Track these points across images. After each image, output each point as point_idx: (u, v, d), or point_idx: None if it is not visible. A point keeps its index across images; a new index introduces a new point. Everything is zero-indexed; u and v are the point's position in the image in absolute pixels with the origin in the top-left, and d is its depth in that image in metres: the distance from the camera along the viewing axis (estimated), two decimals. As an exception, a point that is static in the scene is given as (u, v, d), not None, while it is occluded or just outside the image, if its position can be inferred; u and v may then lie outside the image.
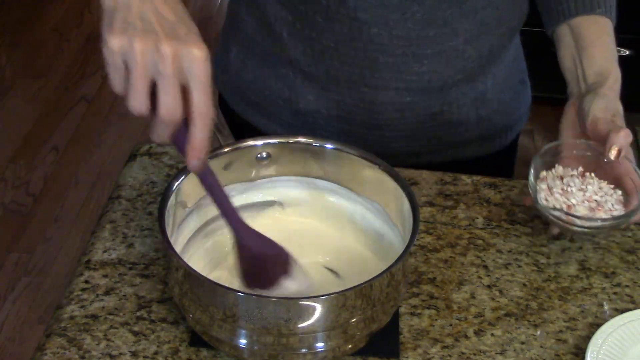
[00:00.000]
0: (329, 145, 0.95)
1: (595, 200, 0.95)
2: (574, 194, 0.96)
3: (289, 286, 0.86)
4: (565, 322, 0.94)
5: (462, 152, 1.18)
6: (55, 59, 2.98)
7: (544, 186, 0.98)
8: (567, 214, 0.94)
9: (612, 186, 0.97)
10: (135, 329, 0.90)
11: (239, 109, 1.19)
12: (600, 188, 0.97)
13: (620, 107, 1.00)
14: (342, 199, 0.97)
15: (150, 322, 0.91)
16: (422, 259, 0.99)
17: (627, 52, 2.63)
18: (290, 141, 0.96)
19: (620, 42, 1.10)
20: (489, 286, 0.97)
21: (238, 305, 0.81)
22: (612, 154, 0.94)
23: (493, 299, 0.96)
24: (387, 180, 0.92)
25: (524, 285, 0.97)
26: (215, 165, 0.93)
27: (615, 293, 0.97)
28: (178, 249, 0.89)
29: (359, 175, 0.95)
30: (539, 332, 0.92)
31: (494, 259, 1.00)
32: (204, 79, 0.76)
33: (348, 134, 1.13)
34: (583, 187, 0.97)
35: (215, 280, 0.83)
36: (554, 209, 0.95)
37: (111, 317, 0.91)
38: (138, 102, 0.76)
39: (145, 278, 0.95)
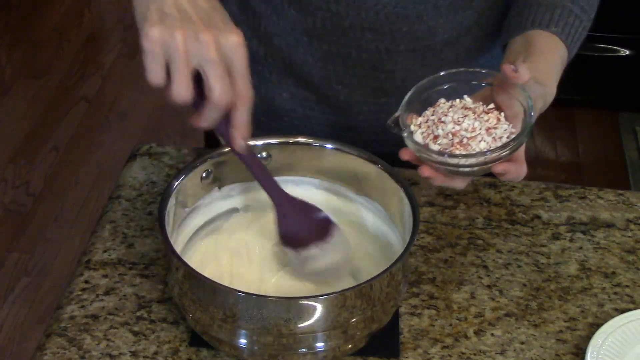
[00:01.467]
0: (329, 145, 0.96)
1: (462, 135, 0.83)
2: (445, 125, 0.84)
3: (324, 251, 0.89)
4: (565, 322, 0.94)
5: None
6: (55, 59, 2.98)
7: (423, 119, 0.87)
8: (419, 146, 0.84)
9: (508, 124, 0.86)
10: (135, 329, 0.90)
11: None
12: (484, 121, 0.84)
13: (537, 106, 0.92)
14: (342, 199, 0.97)
15: (150, 322, 0.91)
16: (422, 259, 0.99)
17: (627, 52, 2.63)
18: (290, 141, 0.96)
19: (621, 42, 1.10)
20: (489, 286, 0.97)
21: (238, 305, 0.81)
22: (508, 68, 0.83)
23: (493, 299, 0.96)
24: (387, 180, 0.92)
25: (524, 285, 0.97)
26: (216, 165, 0.93)
27: (615, 293, 0.97)
28: (178, 249, 0.89)
29: (359, 175, 0.95)
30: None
31: (494, 259, 1.00)
32: (244, 63, 0.79)
33: (323, 136, 1.12)
34: (460, 119, 0.84)
35: (215, 280, 0.83)
36: (413, 141, 0.85)
37: (111, 317, 0.91)
38: (184, 90, 0.78)
39: (145, 278, 0.95)
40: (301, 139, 0.96)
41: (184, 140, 2.63)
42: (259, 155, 0.95)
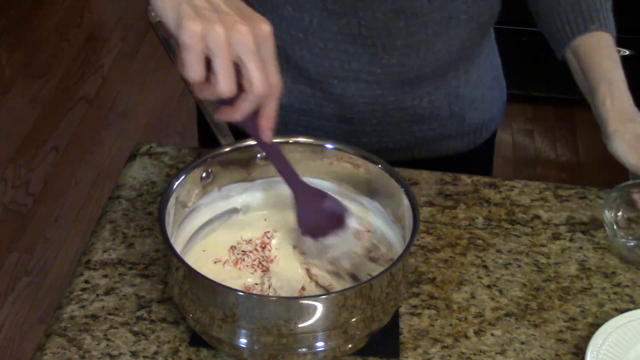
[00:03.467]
0: (329, 145, 0.96)
1: None
2: None
3: (341, 238, 0.91)
4: (565, 322, 0.94)
5: (436, 149, 1.18)
6: (55, 59, 2.98)
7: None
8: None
9: None
10: (135, 329, 0.90)
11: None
12: None
13: (633, 112, 1.01)
14: (342, 199, 0.97)
15: (150, 322, 0.91)
16: (422, 259, 0.99)
17: (627, 52, 2.63)
18: (290, 141, 0.96)
19: (620, 42, 1.10)
20: (489, 286, 0.97)
21: (238, 305, 0.81)
22: None
23: (493, 299, 0.96)
24: (387, 180, 0.92)
25: (524, 285, 0.97)
26: (216, 165, 0.93)
27: (615, 293, 0.97)
28: (178, 249, 0.89)
29: (359, 175, 0.95)
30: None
31: (494, 259, 1.00)
32: (274, 53, 0.80)
33: (319, 128, 1.13)
34: None
35: (215, 280, 0.83)
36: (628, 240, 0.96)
37: (111, 317, 0.91)
38: (228, 82, 0.78)
39: (145, 278, 0.95)
40: (301, 139, 0.96)
41: (184, 140, 2.63)
42: (258, 155, 0.95)
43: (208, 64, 0.78)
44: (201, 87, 0.79)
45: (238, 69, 0.78)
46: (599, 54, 1.06)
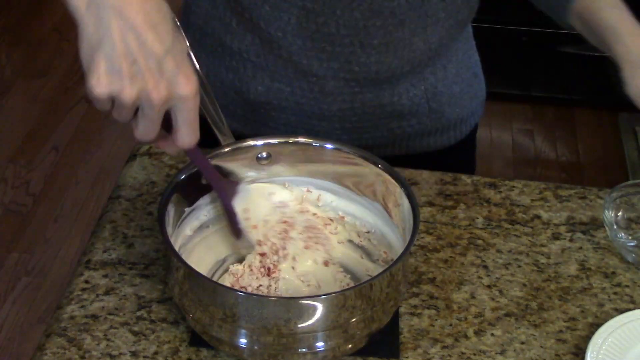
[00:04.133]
0: (328, 145, 0.96)
1: None
2: None
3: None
4: (565, 322, 0.94)
5: (416, 145, 1.18)
6: (55, 59, 2.98)
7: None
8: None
9: None
10: (135, 329, 0.90)
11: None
12: None
13: None
14: (342, 199, 0.97)
15: (150, 322, 0.91)
16: (422, 259, 0.99)
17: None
18: (290, 141, 0.96)
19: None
20: (489, 286, 0.97)
21: (238, 305, 0.81)
22: None
23: (493, 299, 0.96)
24: (387, 180, 0.92)
25: (524, 285, 0.97)
26: (216, 165, 0.93)
27: (615, 293, 0.97)
28: (178, 249, 0.89)
29: (359, 175, 0.95)
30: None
31: (494, 259, 1.00)
32: (191, 115, 0.80)
33: (299, 125, 1.13)
34: None
35: (216, 280, 0.83)
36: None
37: (111, 317, 0.91)
38: (123, 119, 0.79)
39: (145, 278, 0.95)
40: (301, 139, 0.96)
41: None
42: (258, 155, 0.95)
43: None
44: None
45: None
46: (598, 5, 1.04)
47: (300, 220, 0.97)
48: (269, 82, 1.11)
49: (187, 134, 0.81)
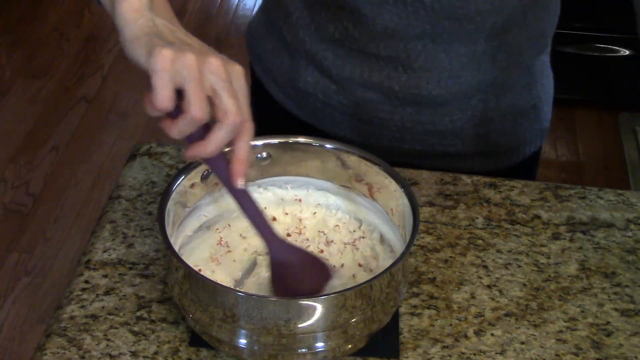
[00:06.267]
0: (329, 145, 0.96)
1: None
2: None
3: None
4: (565, 322, 0.94)
5: (460, 165, 1.16)
6: (55, 59, 2.98)
7: None
8: None
9: None
10: (135, 329, 0.90)
11: (258, 73, 1.22)
12: None
13: None
14: (342, 199, 0.97)
15: (150, 322, 0.91)
16: (422, 259, 0.99)
17: (627, 52, 2.63)
18: (290, 141, 0.96)
19: (621, 42, 1.10)
20: (489, 286, 0.97)
21: (238, 305, 0.81)
22: None
23: (493, 299, 0.96)
24: (387, 180, 0.92)
25: (524, 285, 0.97)
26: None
27: (615, 293, 0.97)
28: (178, 249, 0.89)
29: (359, 175, 0.95)
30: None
31: (494, 259, 1.00)
32: (247, 92, 0.79)
33: (341, 122, 1.14)
34: None
35: (215, 280, 0.83)
36: None
37: (111, 317, 0.91)
38: (201, 106, 0.76)
39: (145, 278, 0.95)
40: (301, 139, 0.96)
41: (183, 141, 2.63)
42: (258, 155, 0.95)
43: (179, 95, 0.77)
44: (171, 124, 0.78)
45: (211, 101, 0.77)
46: None
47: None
48: (318, 76, 1.13)
49: (247, 110, 0.78)
